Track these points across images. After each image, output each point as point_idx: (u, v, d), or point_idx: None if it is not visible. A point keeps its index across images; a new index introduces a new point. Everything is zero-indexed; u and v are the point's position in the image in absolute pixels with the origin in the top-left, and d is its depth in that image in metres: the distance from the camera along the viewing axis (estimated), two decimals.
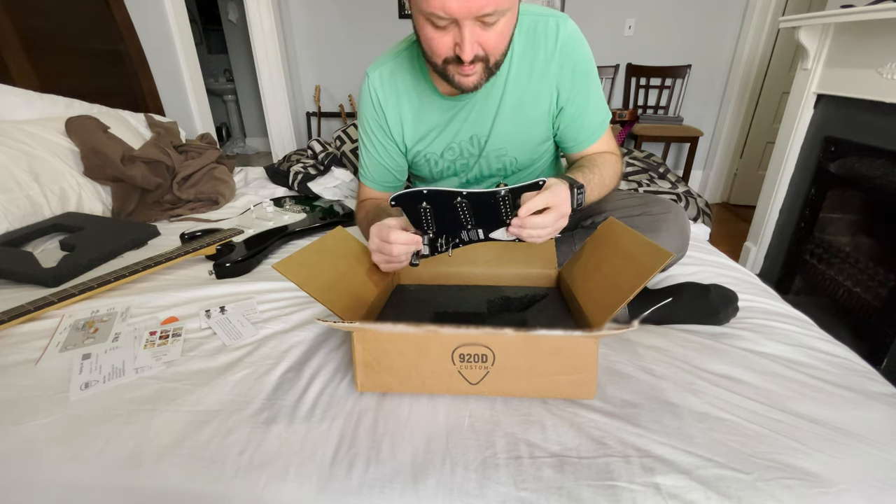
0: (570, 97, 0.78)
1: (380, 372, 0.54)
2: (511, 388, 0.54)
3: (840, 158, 1.50)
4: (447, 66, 0.65)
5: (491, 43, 0.62)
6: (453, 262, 0.78)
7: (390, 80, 0.80)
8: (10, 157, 1.05)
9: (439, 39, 0.61)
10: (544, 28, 0.74)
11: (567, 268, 0.74)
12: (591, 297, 0.61)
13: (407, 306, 0.73)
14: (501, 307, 0.73)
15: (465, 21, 0.57)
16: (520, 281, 0.78)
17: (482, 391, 0.54)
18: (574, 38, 0.75)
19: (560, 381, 0.53)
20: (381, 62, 0.81)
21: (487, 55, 0.63)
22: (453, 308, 0.71)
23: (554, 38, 0.74)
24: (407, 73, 0.79)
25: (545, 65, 0.76)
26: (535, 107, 0.79)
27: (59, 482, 0.48)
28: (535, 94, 0.78)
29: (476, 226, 0.65)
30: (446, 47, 0.62)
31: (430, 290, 0.78)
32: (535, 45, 0.75)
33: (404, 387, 0.55)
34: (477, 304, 0.72)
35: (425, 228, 0.65)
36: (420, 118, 0.82)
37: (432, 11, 0.57)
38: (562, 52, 0.75)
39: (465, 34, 0.58)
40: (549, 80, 0.77)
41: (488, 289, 0.77)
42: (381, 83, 0.80)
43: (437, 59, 0.64)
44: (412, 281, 0.80)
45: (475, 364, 0.52)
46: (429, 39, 0.62)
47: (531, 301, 0.73)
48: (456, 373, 0.53)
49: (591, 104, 0.80)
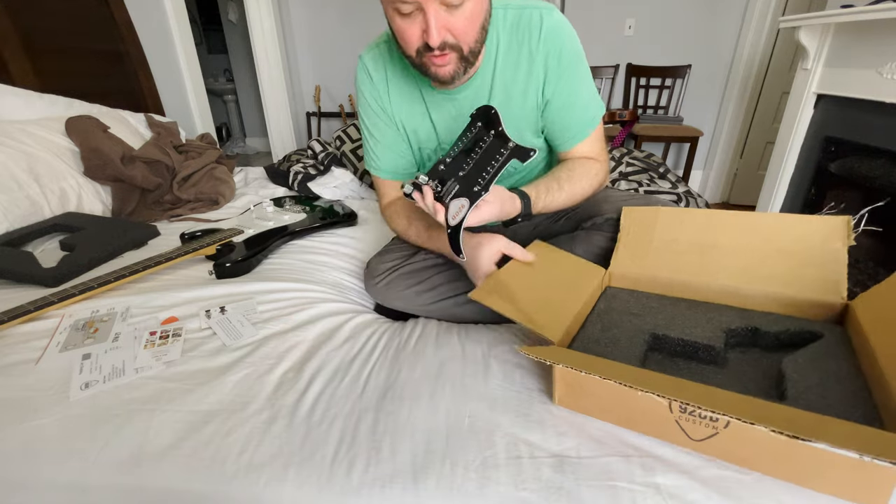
0: (556, 90, 0.75)
1: (580, 394, 0.49)
2: (750, 461, 0.43)
3: (840, 158, 1.50)
4: (422, 59, 0.64)
5: (459, 27, 0.61)
6: (683, 269, 0.63)
7: (381, 62, 0.79)
8: (10, 157, 1.05)
9: (408, 29, 0.61)
10: (528, 20, 0.72)
11: (867, 301, 0.52)
12: None
13: (616, 319, 0.61)
14: (746, 341, 0.56)
15: (428, 4, 0.57)
16: (779, 307, 0.58)
17: (705, 451, 0.45)
18: (558, 28, 0.73)
19: (832, 477, 0.39)
20: (373, 44, 0.80)
21: (458, 42, 0.62)
22: (677, 332, 0.57)
23: (538, 29, 0.72)
24: (397, 63, 0.78)
25: (530, 58, 0.73)
26: (524, 103, 0.77)
27: (59, 482, 0.48)
28: (522, 90, 0.76)
29: (462, 178, 0.62)
30: (416, 36, 0.61)
31: (646, 299, 0.64)
32: (519, 38, 0.73)
33: (606, 417, 0.49)
34: (711, 331, 0.56)
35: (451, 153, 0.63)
36: (411, 110, 0.80)
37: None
38: (545, 42, 0.72)
39: (429, 18, 0.58)
40: (535, 73, 0.74)
41: (729, 311, 0.59)
42: (375, 65, 0.79)
43: (411, 51, 0.64)
44: (625, 284, 0.68)
45: (700, 420, 0.43)
46: (399, 31, 0.62)
47: (795, 341, 0.53)
48: (673, 422, 0.44)
49: (578, 98, 0.77)
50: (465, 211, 0.59)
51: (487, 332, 0.70)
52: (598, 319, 0.62)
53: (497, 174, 0.60)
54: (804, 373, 0.48)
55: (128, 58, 1.76)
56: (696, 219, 0.70)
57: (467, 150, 0.62)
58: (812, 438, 0.33)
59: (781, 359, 0.52)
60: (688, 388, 0.42)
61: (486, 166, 0.60)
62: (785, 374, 0.49)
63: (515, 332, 0.70)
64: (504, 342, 0.66)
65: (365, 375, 0.61)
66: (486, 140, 0.62)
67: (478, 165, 0.61)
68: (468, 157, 0.62)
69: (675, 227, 0.70)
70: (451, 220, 0.60)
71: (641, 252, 0.71)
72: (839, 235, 0.59)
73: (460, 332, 0.71)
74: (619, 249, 0.74)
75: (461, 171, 0.61)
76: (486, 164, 0.61)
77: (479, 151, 0.62)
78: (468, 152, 0.62)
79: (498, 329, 0.71)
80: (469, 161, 0.62)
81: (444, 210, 0.60)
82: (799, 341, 0.54)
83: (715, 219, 0.68)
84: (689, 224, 0.70)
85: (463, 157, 0.62)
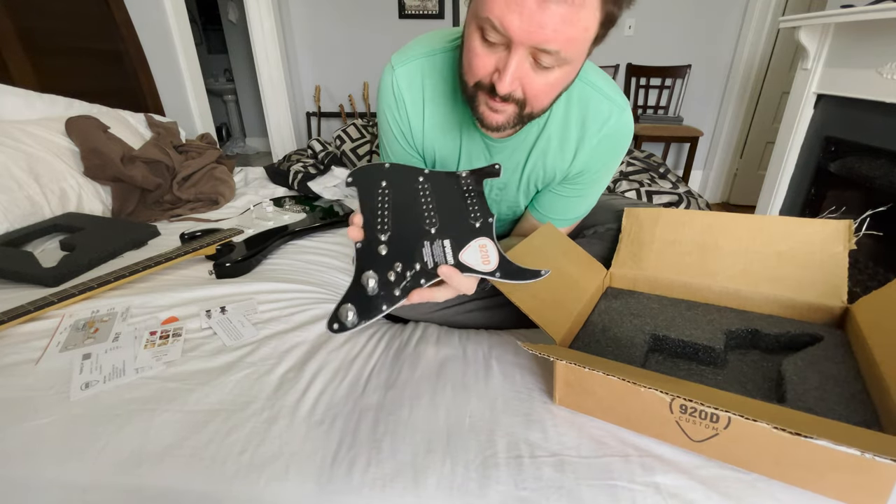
0: (574, 185, 0.71)
1: (581, 393, 0.49)
2: (750, 462, 0.43)
3: (840, 158, 1.50)
4: (477, 92, 0.55)
5: (535, 89, 0.52)
6: (683, 270, 0.63)
7: (419, 81, 0.67)
8: (10, 157, 1.05)
9: (483, 57, 0.51)
10: (597, 107, 0.65)
11: (867, 305, 0.52)
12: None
13: (616, 319, 0.61)
14: (746, 343, 0.56)
15: (518, 48, 0.48)
16: (780, 309, 0.58)
17: (706, 452, 0.45)
18: (620, 134, 0.67)
19: (832, 479, 0.39)
20: (411, 56, 0.66)
21: (525, 101, 0.54)
22: (677, 333, 0.57)
23: (601, 123, 0.65)
24: (440, 82, 0.66)
25: (577, 144, 0.67)
26: (542, 178, 0.72)
27: (59, 482, 0.47)
28: (551, 166, 0.70)
29: (440, 231, 0.52)
30: (485, 69, 0.52)
31: (646, 300, 0.64)
32: (579, 119, 0.66)
33: (606, 416, 0.50)
34: (711, 332, 0.56)
35: (380, 223, 0.52)
36: (444, 140, 0.70)
37: (488, 17, 0.47)
38: (602, 142, 0.66)
39: (511, 62, 0.49)
40: (569, 158, 0.68)
41: (730, 313, 0.59)
42: (410, 83, 0.67)
43: (470, 79, 0.55)
44: (626, 285, 0.68)
45: (700, 420, 0.43)
46: (471, 52, 0.52)
47: (794, 343, 0.54)
48: (673, 422, 0.45)
49: (585, 200, 0.74)
50: (491, 247, 0.51)
51: (488, 334, 0.71)
52: (598, 319, 0.62)
53: (483, 198, 0.53)
54: (804, 375, 0.48)
55: (128, 57, 1.76)
56: (697, 220, 0.70)
57: (405, 209, 0.52)
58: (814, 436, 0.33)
59: (781, 361, 0.51)
60: (688, 389, 0.42)
61: (460, 202, 0.53)
62: (784, 376, 0.49)
63: (516, 335, 0.70)
64: (505, 343, 0.67)
65: (365, 375, 0.61)
66: (422, 187, 0.53)
67: (446, 209, 0.52)
68: (414, 211, 0.52)
69: (677, 228, 0.70)
70: (484, 266, 0.50)
71: (642, 253, 0.71)
72: (840, 239, 0.59)
73: (461, 334, 0.71)
74: (620, 250, 0.74)
75: (427, 227, 0.52)
76: (456, 201, 0.52)
77: (428, 199, 0.53)
78: (407, 210, 0.52)
79: (499, 332, 0.72)
80: (427, 213, 0.52)
81: (461, 275, 0.49)
82: (799, 344, 0.54)
83: (716, 221, 0.68)
84: (690, 226, 0.70)
85: (405, 217, 0.52)
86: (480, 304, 0.74)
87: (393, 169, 0.54)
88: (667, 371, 0.56)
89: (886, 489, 0.37)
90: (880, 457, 0.31)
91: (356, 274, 0.48)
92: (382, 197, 0.53)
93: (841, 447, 0.32)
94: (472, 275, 0.50)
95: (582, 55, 0.52)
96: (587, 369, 0.45)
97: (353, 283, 0.48)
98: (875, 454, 0.31)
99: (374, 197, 0.53)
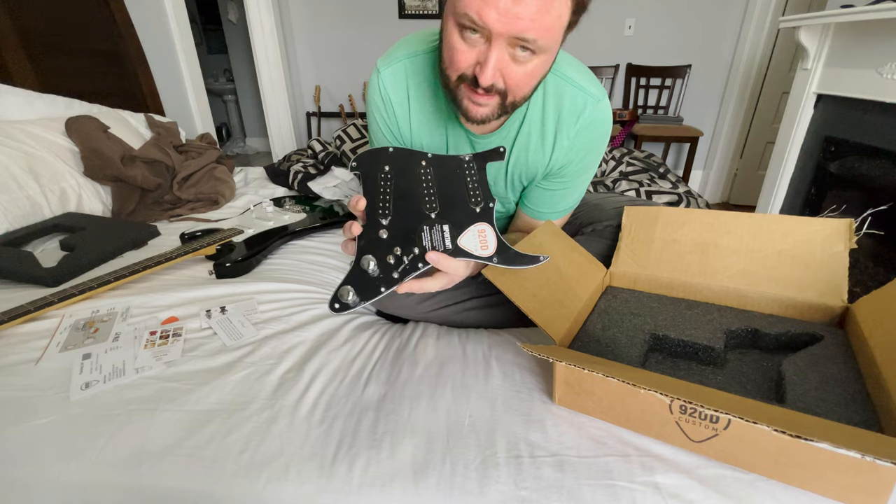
0: (559, 178, 0.72)
1: (580, 393, 0.49)
2: (749, 463, 0.43)
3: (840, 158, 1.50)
4: (460, 86, 0.56)
5: (515, 79, 0.54)
6: (684, 269, 0.62)
7: (403, 81, 0.69)
8: (10, 157, 1.05)
9: (463, 51, 0.53)
10: (572, 99, 0.66)
11: (868, 304, 0.52)
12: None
13: (616, 319, 0.61)
14: (746, 343, 0.56)
15: (497, 40, 0.50)
16: (780, 309, 0.58)
17: (705, 453, 0.45)
18: (597, 125, 0.67)
19: (832, 479, 0.39)
20: (395, 58, 0.69)
21: (507, 90, 0.55)
22: (677, 332, 0.57)
23: (577, 115, 0.66)
24: (422, 82, 0.68)
25: (555, 137, 0.68)
26: (526, 174, 0.73)
27: (59, 482, 0.48)
28: (534, 160, 0.71)
29: (441, 216, 0.52)
30: (467, 63, 0.53)
31: (646, 299, 0.64)
32: (556, 111, 0.67)
33: (605, 416, 0.50)
34: (711, 332, 0.56)
35: (381, 207, 0.53)
36: (431, 138, 0.72)
37: (466, 12, 0.49)
38: (579, 133, 0.67)
39: (491, 54, 0.50)
40: (549, 152, 0.70)
41: (730, 312, 0.59)
42: (395, 84, 0.69)
43: (453, 73, 0.56)
44: (626, 284, 0.68)
45: (699, 421, 0.43)
46: (452, 48, 0.54)
47: (795, 343, 0.53)
48: (672, 422, 0.44)
49: (572, 193, 0.75)
50: (490, 232, 0.51)
51: (488, 334, 0.71)
52: (598, 319, 0.62)
53: (485, 183, 0.54)
54: (804, 375, 0.48)
55: (127, 58, 1.76)
56: (698, 219, 0.70)
57: (406, 193, 0.52)
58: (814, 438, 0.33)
59: (781, 360, 0.51)
60: (688, 390, 0.43)
61: (461, 186, 0.52)
62: (784, 375, 0.49)
63: (516, 334, 0.70)
64: (504, 343, 0.67)
65: (365, 375, 0.61)
66: (425, 171, 0.53)
67: (447, 193, 0.52)
68: (416, 195, 0.52)
69: (677, 227, 0.71)
70: (482, 251, 0.51)
71: (642, 252, 0.71)
72: (841, 238, 0.60)
73: (461, 334, 0.71)
74: (620, 249, 0.74)
75: (427, 211, 0.52)
76: (457, 185, 0.52)
77: (430, 183, 0.53)
78: (408, 194, 0.52)
79: (498, 332, 0.72)
80: (428, 197, 0.53)
81: (450, 258, 0.51)
82: (799, 343, 0.53)
83: (716, 220, 0.68)
84: (690, 224, 0.70)
85: (406, 202, 0.52)
86: (480, 303, 0.75)
87: (396, 153, 0.54)
88: (666, 371, 0.56)
89: (886, 490, 0.37)
90: (881, 460, 0.31)
91: (356, 256, 0.49)
92: (385, 181, 0.53)
93: (841, 450, 0.32)
94: (465, 259, 0.50)
95: (557, 42, 0.54)
96: (587, 371, 0.45)
97: (353, 266, 0.49)
98: (875, 457, 0.31)
99: (377, 181, 0.53)
